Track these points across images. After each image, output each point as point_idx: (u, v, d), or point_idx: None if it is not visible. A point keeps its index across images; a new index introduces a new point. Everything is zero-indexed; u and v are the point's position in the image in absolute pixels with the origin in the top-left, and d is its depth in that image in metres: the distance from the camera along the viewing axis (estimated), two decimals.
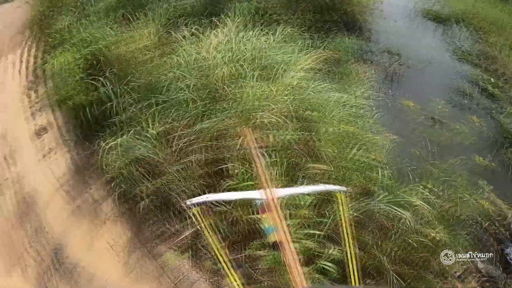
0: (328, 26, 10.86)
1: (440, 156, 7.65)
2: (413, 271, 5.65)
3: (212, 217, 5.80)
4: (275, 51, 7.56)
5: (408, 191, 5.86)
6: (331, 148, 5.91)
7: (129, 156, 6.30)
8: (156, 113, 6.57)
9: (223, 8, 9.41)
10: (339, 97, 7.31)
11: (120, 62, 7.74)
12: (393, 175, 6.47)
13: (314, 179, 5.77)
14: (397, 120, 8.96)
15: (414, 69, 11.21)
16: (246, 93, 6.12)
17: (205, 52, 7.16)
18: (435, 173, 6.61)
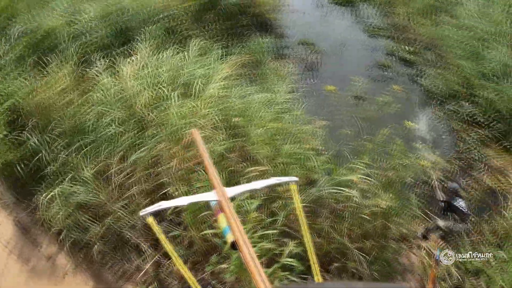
0: (240, 31, 10.97)
1: (372, 130, 7.88)
2: (375, 243, 5.80)
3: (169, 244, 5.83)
4: (193, 66, 7.57)
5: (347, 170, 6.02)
6: (265, 148, 5.99)
7: (71, 204, 6.13)
8: (87, 154, 6.43)
9: (133, 35, 9.31)
10: (263, 97, 7.41)
11: (41, 111, 7.48)
12: (330, 159, 6.63)
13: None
14: (323, 106, 9.18)
15: (330, 54, 11.56)
16: (171, 114, 6.10)
17: (123, 82, 7.06)
18: (370, 147, 6.81)
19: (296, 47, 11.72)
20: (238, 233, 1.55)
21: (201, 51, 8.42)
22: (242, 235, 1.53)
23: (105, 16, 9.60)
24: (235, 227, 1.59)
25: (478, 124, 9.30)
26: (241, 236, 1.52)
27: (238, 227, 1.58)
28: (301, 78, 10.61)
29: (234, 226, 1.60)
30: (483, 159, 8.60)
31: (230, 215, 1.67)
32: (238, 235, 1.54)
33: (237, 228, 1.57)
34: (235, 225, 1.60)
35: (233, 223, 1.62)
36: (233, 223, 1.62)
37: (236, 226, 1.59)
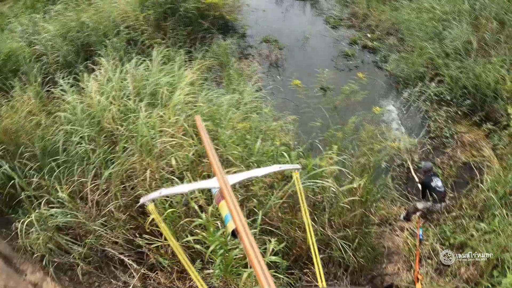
0: (202, 36, 10.96)
1: (342, 120, 7.98)
2: (357, 230, 5.85)
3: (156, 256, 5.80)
4: (157, 75, 7.52)
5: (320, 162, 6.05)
6: (237, 149, 5.99)
7: (50, 228, 6.02)
8: (60, 175, 6.33)
9: (94, 49, 9.22)
10: (230, 99, 7.40)
11: (9, 137, 7.35)
12: (303, 152, 6.67)
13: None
14: (291, 101, 9.25)
15: (294, 49, 11.68)
16: (140, 126, 6.04)
17: (89, 99, 6.98)
18: (341, 136, 6.88)
19: (259, 45, 11.77)
20: (239, 221, 1.55)
21: (164, 59, 8.38)
22: (243, 223, 1.52)
23: (65, 34, 9.50)
24: (236, 215, 1.58)
25: (446, 102, 9.48)
26: (242, 224, 1.52)
27: (238, 215, 1.57)
28: (267, 75, 10.68)
29: (235, 214, 1.59)
30: (455, 136, 8.77)
31: (231, 203, 1.66)
32: (239, 223, 1.53)
33: (238, 216, 1.57)
34: (236, 213, 1.59)
35: (234, 211, 1.61)
36: (233, 211, 1.61)
37: (236, 214, 1.59)
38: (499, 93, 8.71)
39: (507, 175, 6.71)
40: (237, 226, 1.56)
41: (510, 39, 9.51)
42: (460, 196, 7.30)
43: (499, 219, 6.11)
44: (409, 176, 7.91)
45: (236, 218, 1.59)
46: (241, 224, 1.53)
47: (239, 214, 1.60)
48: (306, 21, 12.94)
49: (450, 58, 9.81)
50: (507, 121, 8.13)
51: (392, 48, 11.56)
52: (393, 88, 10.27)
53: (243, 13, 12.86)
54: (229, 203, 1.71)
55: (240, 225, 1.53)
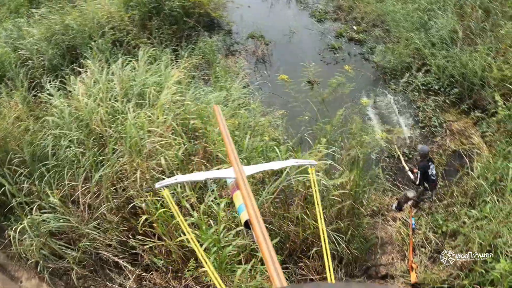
0: (188, 34, 10.93)
1: (330, 113, 8.00)
2: (350, 222, 5.88)
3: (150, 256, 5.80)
4: (144, 75, 7.48)
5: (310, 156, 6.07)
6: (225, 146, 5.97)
7: (43, 234, 6.00)
8: (51, 180, 6.29)
9: (80, 52, 9.15)
10: (218, 96, 7.40)
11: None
12: (293, 147, 6.68)
13: (221, 179, 5.84)
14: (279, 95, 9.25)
15: (281, 44, 11.65)
16: (128, 126, 6.02)
17: (76, 102, 6.93)
18: (329, 129, 6.89)
19: (245, 41, 11.75)
20: (253, 212, 1.55)
21: (151, 59, 8.33)
22: (257, 214, 1.52)
23: (50, 37, 9.40)
24: (250, 206, 1.59)
25: (434, 91, 9.54)
26: (255, 216, 1.52)
27: (253, 206, 1.58)
28: (254, 71, 10.67)
29: (249, 204, 1.60)
30: (444, 125, 8.82)
31: (246, 194, 1.66)
32: (253, 214, 1.54)
33: (252, 207, 1.57)
34: (250, 204, 1.60)
35: (248, 202, 1.62)
36: (248, 202, 1.62)
37: (251, 205, 1.59)
38: (486, 80, 8.77)
39: (497, 161, 6.76)
40: (251, 217, 1.56)
41: (496, 27, 9.57)
42: (451, 184, 7.34)
43: (491, 206, 6.16)
44: (399, 166, 7.94)
45: (250, 209, 1.59)
46: (255, 215, 1.53)
47: (253, 205, 1.60)
48: (292, 15, 12.92)
49: (437, 48, 9.86)
50: (495, 108, 8.19)
51: (378, 40, 11.60)
52: (380, 80, 10.30)
53: (228, 10, 12.83)
54: (244, 194, 1.71)
55: (254, 216, 1.54)
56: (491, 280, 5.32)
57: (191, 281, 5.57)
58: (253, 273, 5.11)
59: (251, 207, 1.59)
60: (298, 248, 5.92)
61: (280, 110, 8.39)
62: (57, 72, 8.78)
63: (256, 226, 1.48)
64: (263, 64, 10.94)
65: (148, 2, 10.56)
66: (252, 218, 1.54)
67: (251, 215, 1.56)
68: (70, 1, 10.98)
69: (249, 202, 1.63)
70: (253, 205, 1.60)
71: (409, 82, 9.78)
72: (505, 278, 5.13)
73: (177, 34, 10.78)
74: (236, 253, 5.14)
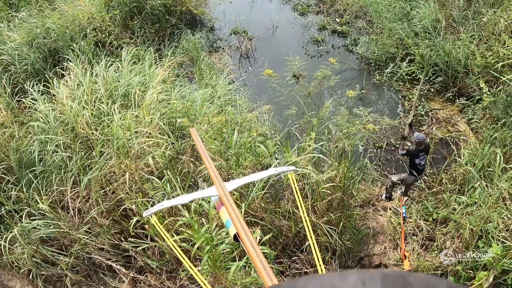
0: (171, 32, 10.86)
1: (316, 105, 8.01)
2: (341, 214, 5.90)
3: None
4: (128, 75, 7.42)
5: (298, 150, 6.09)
6: (214, 143, 5.96)
7: (34, 241, 5.93)
8: (39, 186, 6.22)
9: (63, 54, 9.05)
10: (203, 93, 7.37)
11: None
12: (281, 141, 6.69)
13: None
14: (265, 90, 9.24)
15: (264, 38, 11.63)
16: (115, 128, 5.97)
17: (61, 105, 6.85)
18: (316, 123, 6.90)
19: (229, 38, 11.73)
20: (239, 225, 1.59)
21: (134, 59, 8.27)
22: (243, 227, 1.56)
23: (31, 41, 9.27)
24: (236, 220, 1.62)
25: (418, 81, 9.58)
26: (243, 228, 1.56)
27: (239, 220, 1.61)
28: (239, 67, 10.66)
29: (235, 219, 1.63)
30: (430, 113, 8.89)
31: (230, 209, 1.70)
32: (239, 227, 1.57)
33: (238, 221, 1.61)
34: (236, 218, 1.63)
35: (234, 216, 1.65)
36: (233, 216, 1.65)
37: (237, 219, 1.62)
38: (470, 68, 8.84)
39: (484, 147, 6.82)
40: (238, 230, 1.59)
41: (478, 15, 9.64)
42: (439, 171, 7.40)
43: (480, 191, 6.21)
44: (387, 157, 8.00)
45: (236, 223, 1.63)
46: (242, 228, 1.57)
47: (239, 219, 1.64)
48: (274, 10, 12.89)
49: (420, 37, 9.91)
50: (480, 95, 8.26)
51: (362, 31, 11.64)
52: (365, 71, 10.34)
53: (210, 6, 12.79)
54: (228, 209, 1.75)
55: (241, 229, 1.57)
56: (483, 265, 5.38)
57: (186, 281, 5.56)
58: (247, 269, 5.12)
59: (237, 221, 1.63)
60: (291, 242, 5.93)
61: (266, 105, 8.40)
62: (40, 76, 8.69)
63: (244, 238, 1.52)
64: (247, 60, 10.92)
65: (129, 2, 10.47)
66: (239, 231, 1.57)
67: (239, 229, 1.59)
68: (51, 3, 10.86)
69: (234, 217, 1.66)
70: (239, 219, 1.63)
71: (394, 72, 9.83)
72: (498, 262, 5.20)
73: (160, 33, 10.72)
74: (229, 250, 5.13)
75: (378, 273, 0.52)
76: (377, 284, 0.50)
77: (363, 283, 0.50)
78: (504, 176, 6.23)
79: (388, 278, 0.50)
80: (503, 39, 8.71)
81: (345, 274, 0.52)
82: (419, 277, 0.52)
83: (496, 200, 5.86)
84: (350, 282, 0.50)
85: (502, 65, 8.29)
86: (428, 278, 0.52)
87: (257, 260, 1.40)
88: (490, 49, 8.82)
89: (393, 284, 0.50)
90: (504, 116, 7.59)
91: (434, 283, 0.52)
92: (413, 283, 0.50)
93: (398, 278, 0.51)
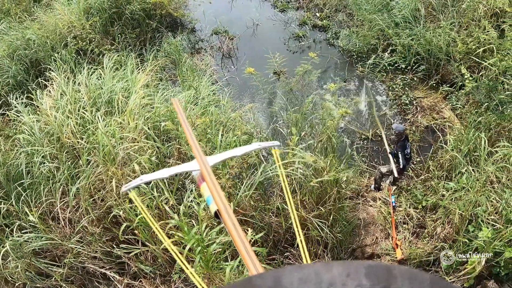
0: (151, 36, 10.83)
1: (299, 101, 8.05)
2: (331, 207, 5.92)
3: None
4: (111, 82, 7.39)
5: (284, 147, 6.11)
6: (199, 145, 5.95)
7: (27, 254, 5.90)
8: (28, 198, 6.19)
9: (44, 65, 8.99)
10: (187, 95, 7.37)
11: None
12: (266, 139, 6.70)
13: None
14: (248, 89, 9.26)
15: (245, 37, 11.63)
16: (100, 135, 5.95)
17: (45, 116, 6.82)
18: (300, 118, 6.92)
19: (210, 38, 11.72)
20: (220, 202, 1.56)
21: (116, 65, 8.24)
22: (224, 204, 1.53)
23: (12, 53, 9.21)
24: (217, 196, 1.59)
25: (401, 70, 9.67)
26: (223, 205, 1.53)
27: (220, 197, 1.58)
28: (221, 67, 10.67)
29: (216, 195, 1.60)
30: (414, 102, 8.96)
31: (212, 185, 1.66)
32: (220, 204, 1.54)
33: (219, 198, 1.58)
34: (217, 194, 1.60)
35: (215, 192, 1.62)
36: (214, 193, 1.62)
37: (218, 196, 1.59)
38: (452, 55, 8.91)
39: (469, 133, 6.89)
40: (219, 207, 1.56)
41: (457, 2, 9.71)
42: (426, 159, 7.46)
43: (467, 176, 6.28)
44: (373, 148, 8.06)
45: (217, 199, 1.59)
46: (223, 205, 1.54)
47: (220, 195, 1.60)
48: (254, 8, 12.86)
49: (400, 27, 9.96)
50: (463, 81, 8.34)
51: (342, 24, 11.67)
52: (347, 64, 10.38)
53: (190, 8, 12.73)
54: (209, 185, 1.71)
55: (222, 206, 1.54)
56: (475, 249, 5.44)
57: (180, 284, 5.57)
58: (241, 268, 5.13)
59: (218, 198, 1.60)
60: (282, 238, 5.96)
61: (250, 103, 8.42)
62: (23, 88, 8.64)
63: (225, 215, 1.49)
64: (230, 59, 10.92)
65: (108, 8, 10.41)
66: (220, 208, 1.55)
67: (219, 206, 1.56)
68: (30, 14, 10.80)
69: (215, 193, 1.63)
70: (220, 195, 1.60)
71: (376, 63, 9.89)
72: (489, 245, 5.26)
73: (141, 37, 10.67)
74: (221, 250, 5.14)
75: (363, 265, 0.52)
76: (361, 276, 0.51)
77: (347, 275, 0.51)
78: (490, 160, 6.30)
79: (373, 270, 0.51)
80: (483, 25, 8.80)
81: (330, 265, 0.53)
82: (403, 269, 0.53)
83: (484, 184, 5.93)
84: (335, 273, 0.51)
85: (483, 50, 8.39)
86: (412, 270, 0.53)
87: (238, 239, 1.38)
88: (471, 35, 8.90)
89: (377, 276, 0.51)
90: (487, 100, 7.67)
91: (417, 275, 0.53)
92: (397, 275, 0.51)
93: (383, 270, 0.52)
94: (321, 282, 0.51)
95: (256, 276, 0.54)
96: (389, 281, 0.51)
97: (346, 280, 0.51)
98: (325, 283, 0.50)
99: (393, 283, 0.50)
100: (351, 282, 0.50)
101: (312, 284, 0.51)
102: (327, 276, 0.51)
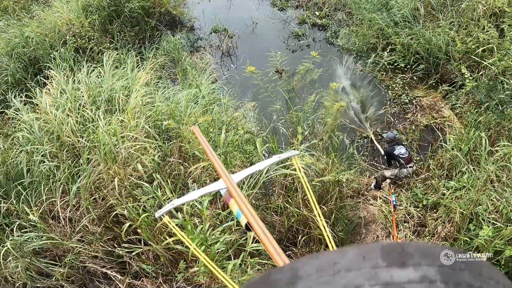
0: (150, 34, 10.82)
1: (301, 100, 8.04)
2: (332, 206, 5.93)
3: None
4: (111, 80, 7.36)
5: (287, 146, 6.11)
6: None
7: (27, 254, 5.86)
8: (28, 197, 6.15)
9: (43, 63, 8.95)
10: (187, 94, 7.35)
11: None
12: (268, 137, 6.70)
13: (201, 177, 5.85)
14: (249, 87, 9.24)
15: (245, 35, 11.62)
16: (100, 134, 5.92)
17: (44, 114, 6.78)
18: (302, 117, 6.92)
19: (209, 36, 11.72)
20: (249, 214, 1.65)
21: (116, 63, 8.21)
22: (254, 216, 1.62)
23: (10, 51, 9.16)
24: (246, 209, 1.68)
25: (400, 69, 9.68)
26: (253, 217, 1.62)
27: (248, 209, 1.67)
28: (221, 66, 10.66)
29: (245, 209, 1.68)
30: (413, 101, 8.98)
31: (239, 200, 1.75)
32: (250, 216, 1.63)
33: (248, 211, 1.67)
34: (245, 208, 1.69)
35: (243, 206, 1.70)
36: (243, 207, 1.70)
37: (246, 209, 1.68)
38: (451, 54, 8.92)
39: (469, 132, 6.91)
40: (249, 219, 1.64)
41: (456, 2, 9.73)
42: (426, 158, 7.48)
43: (468, 175, 6.30)
44: (374, 147, 8.07)
45: (246, 212, 1.68)
46: (252, 217, 1.62)
47: (248, 208, 1.69)
48: (253, 6, 12.85)
49: (400, 27, 9.98)
50: (462, 81, 8.35)
51: (342, 23, 11.68)
52: (347, 63, 10.39)
53: (189, 6, 12.75)
54: (237, 200, 1.79)
55: (251, 218, 1.62)
56: (476, 247, 5.45)
57: (182, 283, 5.55)
58: (243, 267, 5.12)
59: (246, 210, 1.68)
60: (284, 237, 5.96)
61: (251, 102, 8.42)
62: (22, 86, 8.60)
63: (255, 226, 1.57)
64: (229, 58, 10.92)
65: (107, 6, 10.39)
66: (250, 220, 1.62)
67: (249, 217, 1.64)
68: (28, 12, 10.75)
69: (244, 206, 1.71)
70: (248, 208, 1.68)
71: (376, 62, 9.91)
72: (490, 243, 5.27)
73: (140, 36, 10.66)
74: (224, 249, 5.14)
75: (377, 245, 0.53)
76: (377, 256, 0.51)
77: (363, 257, 0.51)
78: (490, 159, 6.32)
79: (387, 250, 0.52)
80: (482, 24, 8.81)
81: (344, 250, 0.53)
82: (417, 245, 0.53)
83: (484, 183, 5.94)
84: (351, 257, 0.51)
85: (482, 50, 8.41)
86: (426, 245, 0.54)
87: (270, 246, 1.46)
88: (470, 34, 8.91)
89: (392, 255, 0.51)
90: (487, 100, 7.70)
91: (432, 249, 0.54)
92: (412, 252, 0.52)
93: (397, 248, 0.52)
94: (338, 268, 0.51)
95: (274, 270, 0.55)
96: (405, 258, 0.51)
97: (363, 262, 0.51)
98: (342, 269, 0.51)
99: (409, 260, 0.51)
100: (367, 264, 0.51)
101: (330, 271, 0.51)
102: (343, 262, 0.52)
